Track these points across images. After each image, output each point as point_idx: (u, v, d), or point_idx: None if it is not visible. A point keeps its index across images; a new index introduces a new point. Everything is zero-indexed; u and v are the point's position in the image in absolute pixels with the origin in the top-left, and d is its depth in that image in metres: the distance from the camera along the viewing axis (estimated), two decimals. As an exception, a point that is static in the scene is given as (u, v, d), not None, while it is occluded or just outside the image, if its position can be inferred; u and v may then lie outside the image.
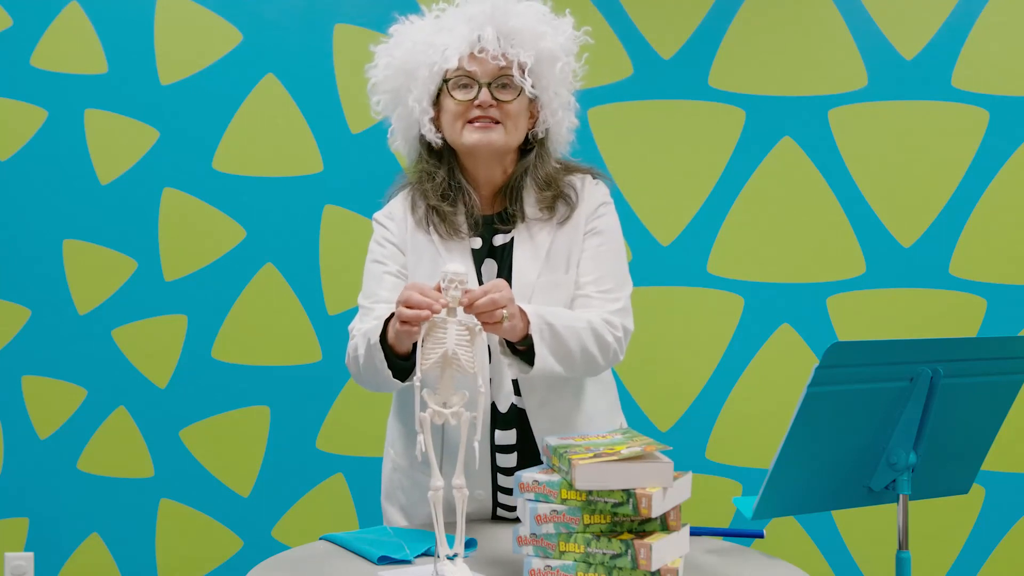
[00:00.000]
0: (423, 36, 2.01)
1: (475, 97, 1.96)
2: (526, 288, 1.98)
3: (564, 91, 2.04)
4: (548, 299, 1.98)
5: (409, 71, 2.01)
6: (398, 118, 2.08)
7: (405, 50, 2.02)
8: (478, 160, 2.02)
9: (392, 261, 2.10)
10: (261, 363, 3.22)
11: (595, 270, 2.03)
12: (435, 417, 1.60)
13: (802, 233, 3.17)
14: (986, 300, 3.14)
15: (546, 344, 1.87)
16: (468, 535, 1.79)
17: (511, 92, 1.97)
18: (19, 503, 3.23)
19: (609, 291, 2.03)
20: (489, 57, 1.95)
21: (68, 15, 3.19)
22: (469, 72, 1.97)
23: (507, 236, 2.03)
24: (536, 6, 2.02)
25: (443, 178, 2.03)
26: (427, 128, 2.01)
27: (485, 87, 1.96)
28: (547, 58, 1.98)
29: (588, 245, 2.04)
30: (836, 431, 1.70)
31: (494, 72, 1.96)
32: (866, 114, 3.15)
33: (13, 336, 3.22)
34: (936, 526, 3.11)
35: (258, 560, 1.81)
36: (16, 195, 3.21)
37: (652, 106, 3.19)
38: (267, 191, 3.20)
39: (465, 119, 1.97)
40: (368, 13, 3.18)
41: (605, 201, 2.09)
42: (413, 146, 2.09)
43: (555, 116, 2.03)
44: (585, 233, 2.05)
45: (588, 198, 2.07)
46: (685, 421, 3.19)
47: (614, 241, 2.08)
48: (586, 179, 2.09)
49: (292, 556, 1.83)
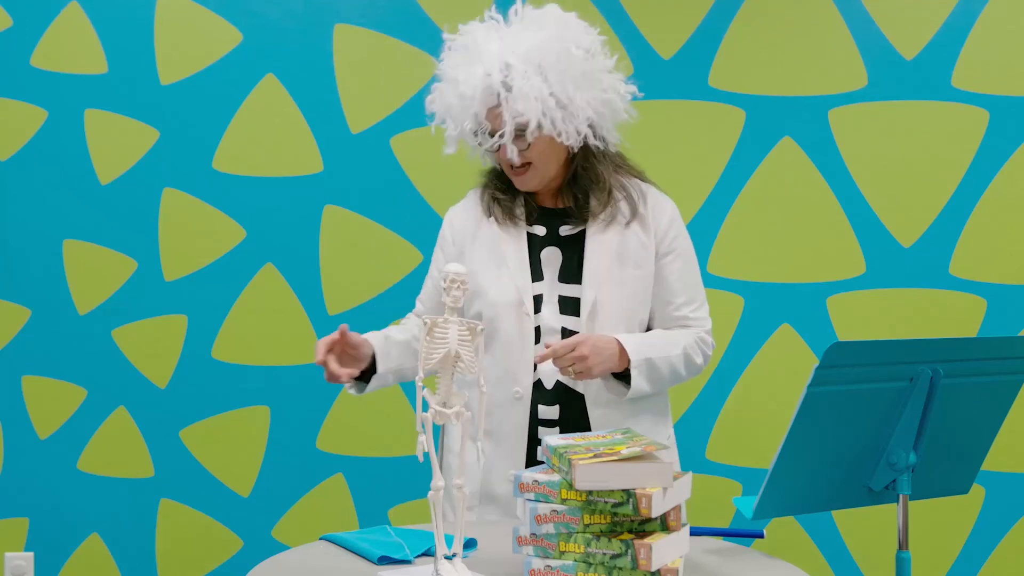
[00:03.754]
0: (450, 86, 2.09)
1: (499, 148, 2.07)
2: (597, 277, 2.09)
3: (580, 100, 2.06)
4: (618, 291, 2.09)
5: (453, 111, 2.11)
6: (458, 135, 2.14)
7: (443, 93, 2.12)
8: None
9: (436, 266, 2.25)
10: (261, 363, 3.22)
11: (685, 292, 2.17)
12: (436, 417, 1.60)
13: (802, 233, 3.18)
14: (986, 300, 3.14)
15: (643, 376, 2.04)
16: (468, 535, 1.79)
17: (524, 142, 2.06)
18: (19, 503, 3.23)
19: (699, 309, 2.18)
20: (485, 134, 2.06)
21: (68, 15, 3.19)
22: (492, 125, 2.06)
23: (575, 228, 2.13)
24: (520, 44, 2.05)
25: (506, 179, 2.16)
26: (481, 154, 2.16)
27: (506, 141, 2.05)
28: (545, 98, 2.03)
29: (673, 267, 2.16)
30: (836, 431, 1.70)
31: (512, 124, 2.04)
32: (866, 114, 3.15)
33: (13, 336, 3.22)
34: (936, 526, 3.11)
35: (258, 560, 1.81)
36: (16, 195, 3.21)
37: (652, 106, 3.18)
38: (267, 191, 3.20)
39: (502, 163, 2.12)
40: (368, 13, 3.18)
41: (676, 216, 2.20)
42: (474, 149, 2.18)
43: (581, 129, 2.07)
44: (665, 253, 2.16)
45: (659, 211, 2.18)
46: (685, 421, 3.18)
47: (690, 257, 2.20)
48: (651, 189, 2.21)
49: (292, 556, 1.83)
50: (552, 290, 2.10)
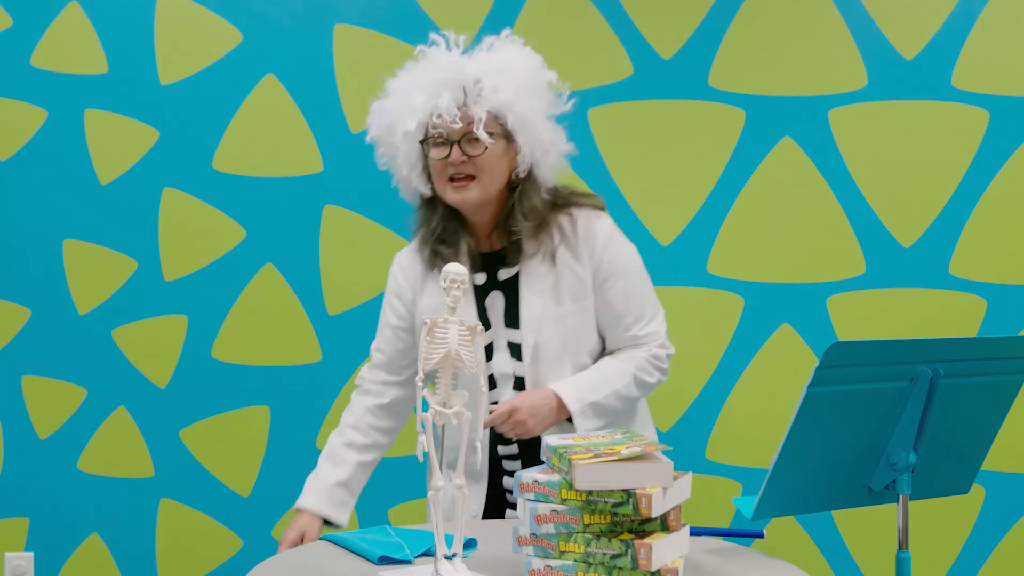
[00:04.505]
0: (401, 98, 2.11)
1: (448, 155, 2.06)
2: (534, 321, 2.09)
3: (536, 129, 2.10)
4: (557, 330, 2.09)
5: (395, 131, 2.12)
6: (395, 171, 2.18)
7: (389, 111, 2.13)
8: (465, 211, 2.13)
9: (393, 314, 2.24)
10: (261, 363, 3.22)
11: (631, 311, 2.15)
12: (437, 417, 1.60)
13: (802, 233, 3.18)
14: (986, 300, 3.14)
15: (590, 419, 2.06)
16: (468, 535, 1.79)
17: (480, 146, 2.06)
18: (19, 503, 3.23)
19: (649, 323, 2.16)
20: (448, 122, 2.04)
21: (68, 15, 3.19)
22: (440, 132, 2.06)
23: (511, 270, 2.13)
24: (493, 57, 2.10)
25: (438, 223, 2.14)
26: (418, 182, 2.13)
27: (456, 144, 2.06)
28: (507, 107, 2.07)
29: (616, 290, 2.14)
30: (836, 431, 1.70)
31: (461, 130, 2.05)
32: (866, 114, 3.15)
33: (13, 336, 3.22)
34: (936, 526, 3.11)
35: (258, 560, 1.81)
36: (16, 195, 3.21)
37: (652, 106, 3.19)
38: (267, 191, 3.20)
39: (445, 176, 2.09)
40: (368, 13, 3.18)
41: (609, 236, 2.16)
42: (413, 194, 2.19)
43: (535, 152, 2.11)
44: (605, 279, 2.14)
45: (587, 235, 2.14)
46: (685, 421, 3.19)
47: (635, 274, 2.18)
48: (582, 214, 2.16)
49: (292, 556, 1.84)
50: (501, 336, 2.12)
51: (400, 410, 2.27)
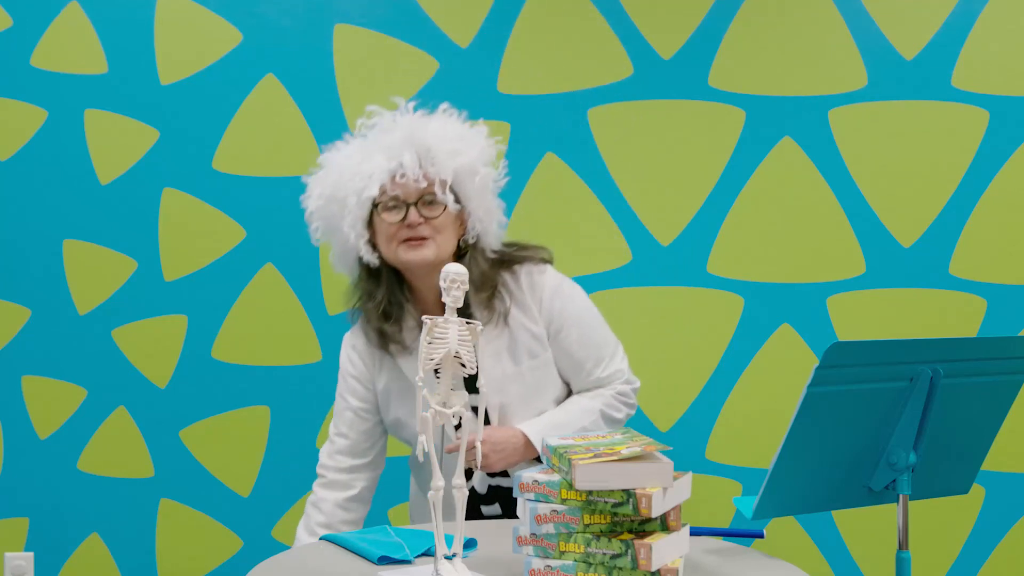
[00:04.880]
0: (350, 164, 2.13)
1: (404, 217, 2.08)
2: (494, 383, 2.11)
3: (487, 198, 2.15)
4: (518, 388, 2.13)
5: (340, 199, 2.12)
6: (336, 243, 2.19)
7: (333, 180, 2.14)
8: (416, 274, 2.13)
9: (352, 396, 2.25)
10: (261, 363, 3.22)
11: (590, 356, 2.18)
12: (436, 417, 1.60)
13: (802, 233, 3.18)
14: (986, 300, 3.14)
15: None
16: (468, 535, 1.79)
17: (436, 208, 2.09)
18: (19, 503, 3.23)
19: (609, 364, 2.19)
20: (410, 181, 2.07)
21: (68, 15, 3.19)
22: (395, 196, 2.08)
23: None
24: (449, 124, 2.14)
25: (383, 296, 2.15)
26: (364, 250, 2.12)
27: (412, 207, 2.08)
28: (466, 172, 2.11)
29: (571, 339, 2.17)
30: (836, 431, 1.70)
31: (418, 192, 2.08)
32: (866, 114, 3.15)
33: (13, 336, 3.22)
34: (936, 526, 3.11)
35: (258, 560, 1.81)
36: (16, 195, 3.21)
37: (652, 106, 3.19)
38: (267, 191, 3.20)
39: (398, 239, 2.09)
40: (368, 13, 3.18)
41: (556, 287, 2.19)
42: (353, 268, 2.20)
43: (482, 222, 2.15)
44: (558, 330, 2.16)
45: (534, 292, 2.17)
46: (685, 421, 3.19)
47: (587, 318, 2.21)
48: (524, 270, 2.18)
49: (292, 556, 1.84)
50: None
51: (368, 496, 2.29)
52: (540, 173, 3.17)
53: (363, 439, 2.25)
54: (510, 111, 3.17)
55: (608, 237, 3.17)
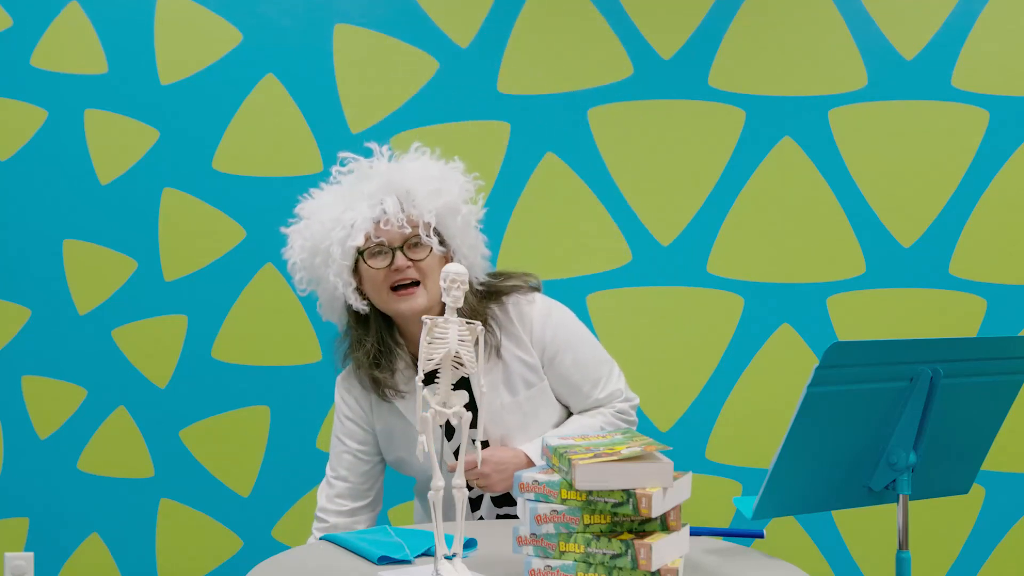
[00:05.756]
0: (331, 213, 2.09)
1: (391, 263, 2.06)
2: (493, 418, 2.11)
3: (471, 234, 2.14)
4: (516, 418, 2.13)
5: (324, 250, 2.09)
6: (322, 292, 2.16)
7: (315, 231, 2.10)
8: (408, 319, 2.11)
9: (350, 439, 2.23)
10: (261, 363, 3.22)
11: (587, 379, 2.18)
12: (436, 417, 1.60)
13: (802, 233, 3.18)
14: (986, 300, 3.14)
15: None
16: (468, 535, 1.79)
17: (422, 250, 2.08)
18: (19, 503, 3.23)
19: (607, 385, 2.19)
20: (394, 227, 2.05)
21: (68, 15, 3.19)
22: (380, 242, 2.06)
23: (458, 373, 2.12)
24: (426, 164, 2.12)
25: (372, 343, 2.13)
26: (352, 298, 2.10)
27: (398, 251, 2.06)
28: (448, 212, 2.09)
29: (565, 364, 2.16)
30: (836, 431, 1.70)
31: (403, 237, 2.06)
32: (866, 114, 3.15)
33: (13, 336, 3.22)
34: (936, 526, 3.11)
35: (258, 560, 1.81)
36: (16, 195, 3.21)
37: (652, 106, 3.19)
38: (267, 191, 3.20)
39: (388, 285, 2.08)
40: (368, 13, 3.18)
41: (545, 315, 2.18)
42: (341, 316, 2.18)
43: (467, 258, 2.13)
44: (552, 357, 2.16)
45: (523, 322, 2.16)
46: (685, 421, 3.19)
47: (580, 342, 2.20)
48: (511, 300, 2.17)
49: (292, 556, 1.84)
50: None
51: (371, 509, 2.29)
52: (540, 173, 3.17)
53: (363, 481, 2.23)
54: (510, 111, 3.17)
55: (608, 237, 3.17)
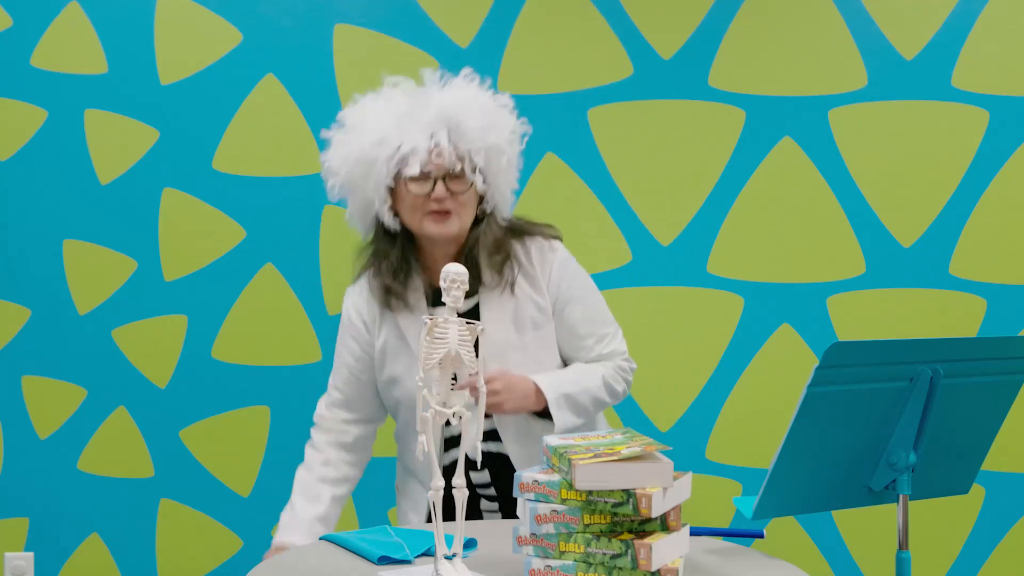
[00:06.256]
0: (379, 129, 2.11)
1: (431, 191, 2.09)
2: (496, 349, 2.10)
3: (511, 173, 2.17)
4: (519, 357, 2.12)
5: (367, 163, 2.11)
6: (354, 202, 2.19)
7: (361, 143, 2.12)
8: (433, 242, 2.15)
9: (349, 354, 2.25)
10: (261, 363, 3.22)
11: (592, 333, 2.20)
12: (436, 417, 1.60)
13: (802, 233, 3.18)
14: (986, 300, 3.14)
15: (564, 410, 2.08)
16: (468, 535, 1.79)
17: (463, 184, 2.11)
18: (19, 503, 3.23)
19: (611, 342, 2.20)
20: (446, 160, 2.08)
21: (68, 15, 3.19)
22: (424, 170, 2.09)
23: (469, 303, 2.15)
24: (481, 100, 2.14)
25: (396, 257, 2.17)
26: (385, 215, 2.13)
27: (440, 181, 2.09)
28: (495, 151, 2.12)
29: (575, 314, 2.18)
30: (836, 431, 1.70)
31: (447, 167, 2.09)
32: (866, 114, 3.15)
33: (13, 336, 3.22)
34: (936, 526, 3.11)
35: (258, 560, 1.81)
36: (16, 195, 3.21)
37: (652, 106, 3.19)
38: (267, 191, 3.20)
39: (423, 211, 2.11)
40: (368, 13, 3.18)
41: (564, 263, 2.21)
42: (369, 226, 2.21)
43: (502, 194, 2.17)
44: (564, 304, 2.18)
45: (543, 265, 2.19)
46: (685, 421, 3.19)
47: (592, 298, 2.23)
48: (535, 243, 2.20)
49: (292, 556, 1.84)
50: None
51: (364, 446, 2.29)
52: (540, 173, 3.17)
53: (358, 396, 2.25)
54: (510, 111, 3.16)
55: (608, 237, 3.17)
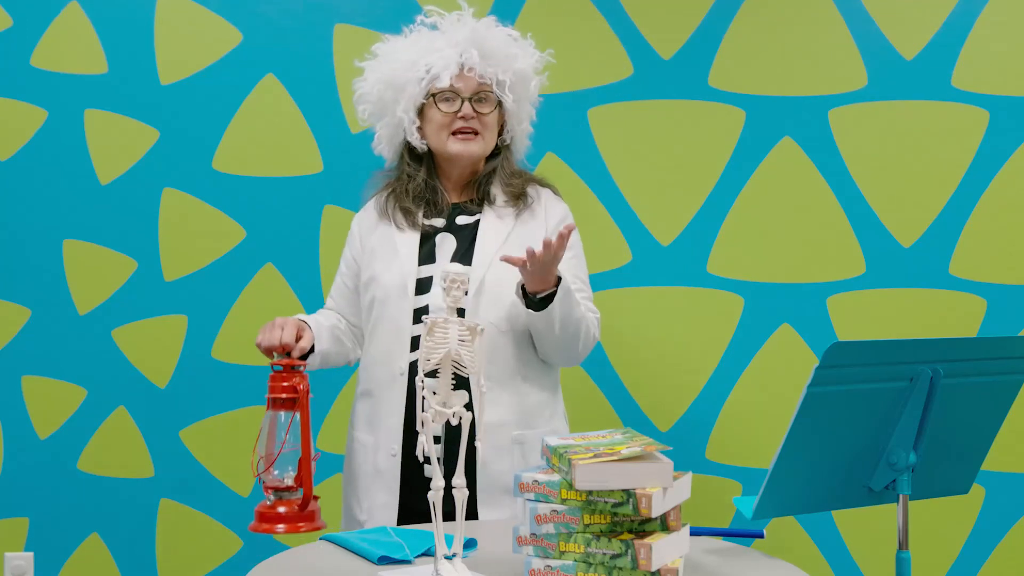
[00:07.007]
0: (409, 55, 2.27)
1: (458, 110, 2.24)
2: (484, 260, 2.21)
3: (530, 106, 2.35)
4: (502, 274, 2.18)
5: (398, 85, 2.27)
6: (384, 126, 2.34)
7: (392, 68, 2.28)
8: (456, 164, 2.30)
9: (347, 268, 2.41)
10: (261, 363, 3.22)
11: (576, 278, 2.29)
12: (436, 417, 1.60)
13: (802, 233, 3.18)
14: (986, 300, 3.14)
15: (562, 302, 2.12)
16: (468, 535, 1.79)
17: (489, 105, 2.26)
18: (19, 503, 3.23)
19: (588, 300, 2.30)
20: (476, 76, 2.24)
21: (68, 15, 3.19)
22: (454, 88, 2.24)
23: (472, 218, 2.28)
24: (508, 30, 2.32)
25: (422, 179, 2.30)
26: (413, 136, 2.28)
27: (467, 101, 2.24)
28: (520, 77, 2.29)
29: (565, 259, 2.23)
30: (836, 431, 1.70)
31: (475, 88, 2.25)
32: (866, 114, 3.15)
33: (13, 336, 3.22)
34: (936, 526, 3.11)
35: (258, 560, 1.81)
36: (16, 195, 3.21)
37: (652, 106, 3.19)
38: (267, 191, 3.21)
39: (450, 130, 2.26)
40: (368, 13, 3.18)
41: (565, 215, 2.35)
42: (397, 151, 2.36)
43: (520, 125, 2.34)
44: None
45: (552, 208, 2.33)
46: (685, 421, 3.19)
47: (581, 257, 2.36)
48: (544, 191, 2.36)
49: (292, 556, 1.84)
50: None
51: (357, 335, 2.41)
52: (540, 173, 3.15)
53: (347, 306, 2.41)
54: (510, 111, 3.17)
55: (608, 237, 3.17)
